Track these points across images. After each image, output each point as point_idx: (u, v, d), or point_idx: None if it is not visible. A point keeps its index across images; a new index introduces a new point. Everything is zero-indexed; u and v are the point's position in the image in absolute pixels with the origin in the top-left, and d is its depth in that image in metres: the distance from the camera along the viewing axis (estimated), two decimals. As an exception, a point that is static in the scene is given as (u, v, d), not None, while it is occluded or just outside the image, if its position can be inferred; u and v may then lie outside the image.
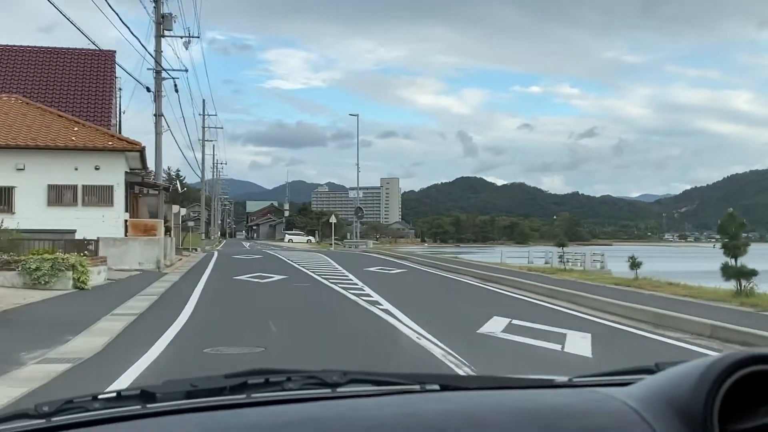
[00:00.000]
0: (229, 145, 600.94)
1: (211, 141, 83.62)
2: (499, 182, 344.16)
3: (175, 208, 35.01)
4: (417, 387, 1.30)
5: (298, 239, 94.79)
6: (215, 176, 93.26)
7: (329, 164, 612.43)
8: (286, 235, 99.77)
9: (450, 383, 1.34)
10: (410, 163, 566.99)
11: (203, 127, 61.68)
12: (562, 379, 1.41)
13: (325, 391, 1.26)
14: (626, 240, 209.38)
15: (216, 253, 42.29)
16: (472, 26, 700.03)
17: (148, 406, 1.17)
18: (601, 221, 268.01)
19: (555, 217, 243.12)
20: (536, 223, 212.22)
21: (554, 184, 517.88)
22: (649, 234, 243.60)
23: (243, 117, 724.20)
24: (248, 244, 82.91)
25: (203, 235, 59.80)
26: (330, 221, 62.86)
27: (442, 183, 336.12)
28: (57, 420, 1.13)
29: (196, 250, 46.14)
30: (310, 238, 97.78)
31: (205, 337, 10.11)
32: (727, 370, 1.01)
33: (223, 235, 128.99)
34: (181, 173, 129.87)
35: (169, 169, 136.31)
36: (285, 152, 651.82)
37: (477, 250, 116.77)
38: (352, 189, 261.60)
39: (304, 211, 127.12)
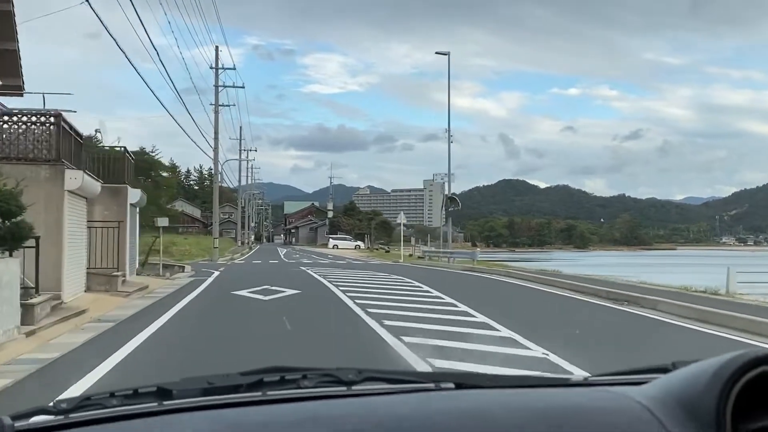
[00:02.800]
0: (269, 150, 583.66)
1: (230, 106, 62.05)
2: (543, 185, 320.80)
3: (73, 175, 13.03)
4: (432, 385, 1.24)
5: (345, 245, 75.20)
6: (241, 166, 72.49)
7: (369, 168, 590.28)
8: (330, 240, 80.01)
9: (465, 381, 1.26)
10: (451, 166, 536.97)
11: (216, 86, 40.66)
12: (578, 378, 1.34)
13: (341, 389, 1.21)
14: (684, 244, 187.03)
15: (212, 279, 21.06)
16: (508, 28, 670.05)
17: (165, 403, 1.13)
18: (650, 224, 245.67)
19: (602, 220, 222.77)
20: (589, 226, 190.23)
21: (597, 186, 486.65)
22: (704, 237, 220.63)
23: (282, 121, 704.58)
24: (284, 251, 61.52)
25: (216, 240, 38.74)
26: (398, 221, 41.14)
27: (484, 186, 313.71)
28: (75, 416, 1.09)
29: (182, 268, 24.74)
30: (359, 243, 78.26)
31: None
32: (740, 369, 0.96)
33: (258, 239, 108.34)
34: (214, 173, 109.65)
35: (200, 167, 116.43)
36: (324, 156, 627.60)
37: (544, 256, 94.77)
38: (399, 190, 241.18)
39: (351, 212, 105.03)
